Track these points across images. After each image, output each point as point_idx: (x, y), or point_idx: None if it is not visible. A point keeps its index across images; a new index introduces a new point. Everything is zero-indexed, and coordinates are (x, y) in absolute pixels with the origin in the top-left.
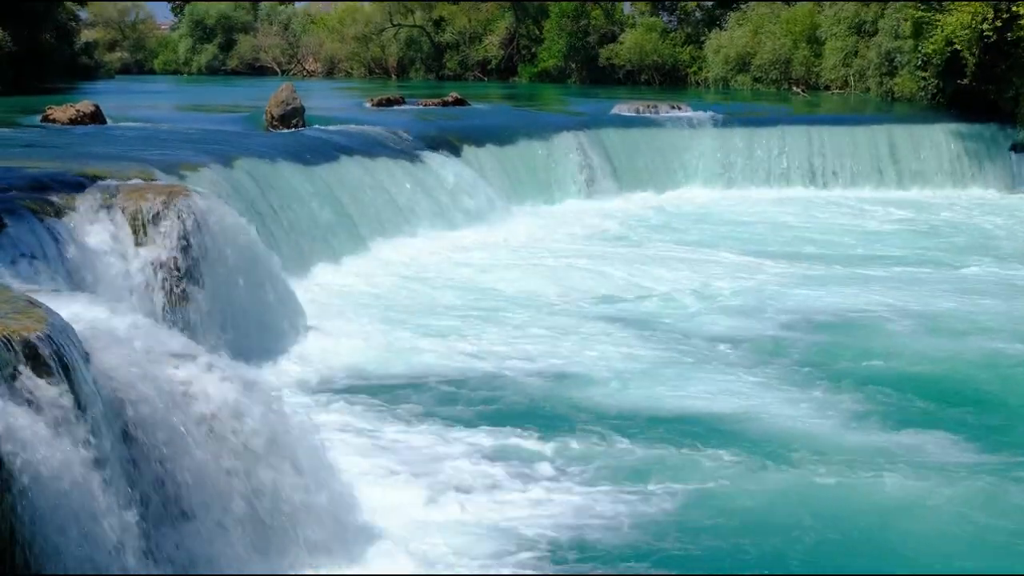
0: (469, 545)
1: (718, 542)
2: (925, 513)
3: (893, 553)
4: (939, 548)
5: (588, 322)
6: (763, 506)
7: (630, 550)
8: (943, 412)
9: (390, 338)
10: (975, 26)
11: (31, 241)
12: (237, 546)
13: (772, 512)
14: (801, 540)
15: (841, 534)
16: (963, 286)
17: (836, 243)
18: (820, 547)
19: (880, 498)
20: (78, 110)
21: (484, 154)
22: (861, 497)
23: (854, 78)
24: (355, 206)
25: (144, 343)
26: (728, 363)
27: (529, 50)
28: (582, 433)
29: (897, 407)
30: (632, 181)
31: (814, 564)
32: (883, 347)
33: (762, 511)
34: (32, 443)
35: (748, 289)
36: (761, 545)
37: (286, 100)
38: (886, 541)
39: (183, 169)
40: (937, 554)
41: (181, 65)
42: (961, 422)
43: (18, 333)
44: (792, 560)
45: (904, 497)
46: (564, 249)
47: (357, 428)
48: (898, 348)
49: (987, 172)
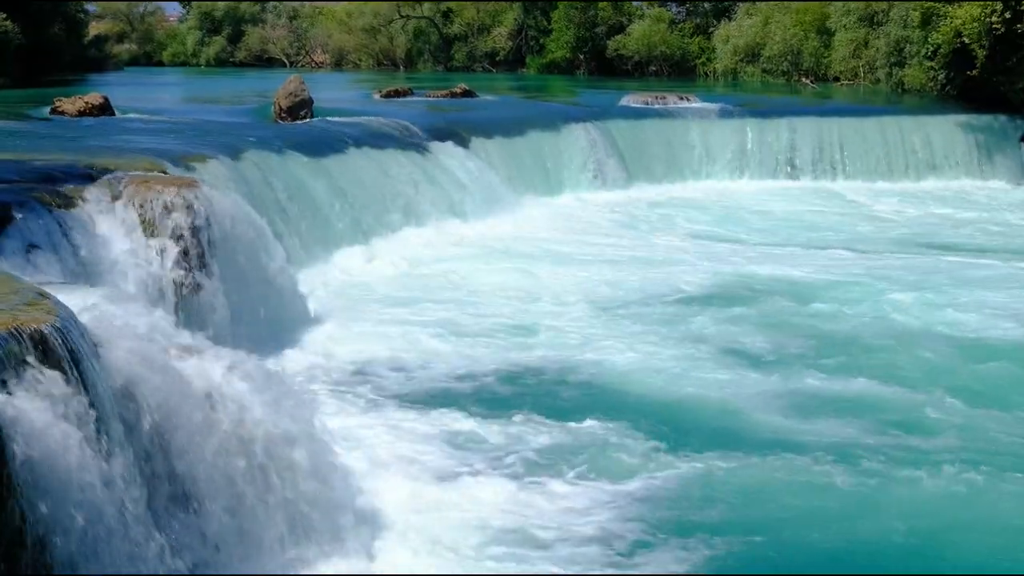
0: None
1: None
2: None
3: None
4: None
5: (595, 317)
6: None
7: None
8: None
9: (397, 329)
10: (984, 19)
11: (41, 233)
12: (244, 536)
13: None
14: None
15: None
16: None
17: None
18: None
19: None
20: (87, 102)
21: (492, 146)
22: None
23: (863, 69)
24: (363, 197)
25: (153, 335)
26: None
27: (537, 41)
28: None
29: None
30: (641, 173)
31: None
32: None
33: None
34: (41, 435)
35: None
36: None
37: (294, 92)
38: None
39: (192, 161)
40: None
41: (189, 57)
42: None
43: (27, 325)
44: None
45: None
46: (573, 240)
47: (365, 420)
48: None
49: (996, 163)
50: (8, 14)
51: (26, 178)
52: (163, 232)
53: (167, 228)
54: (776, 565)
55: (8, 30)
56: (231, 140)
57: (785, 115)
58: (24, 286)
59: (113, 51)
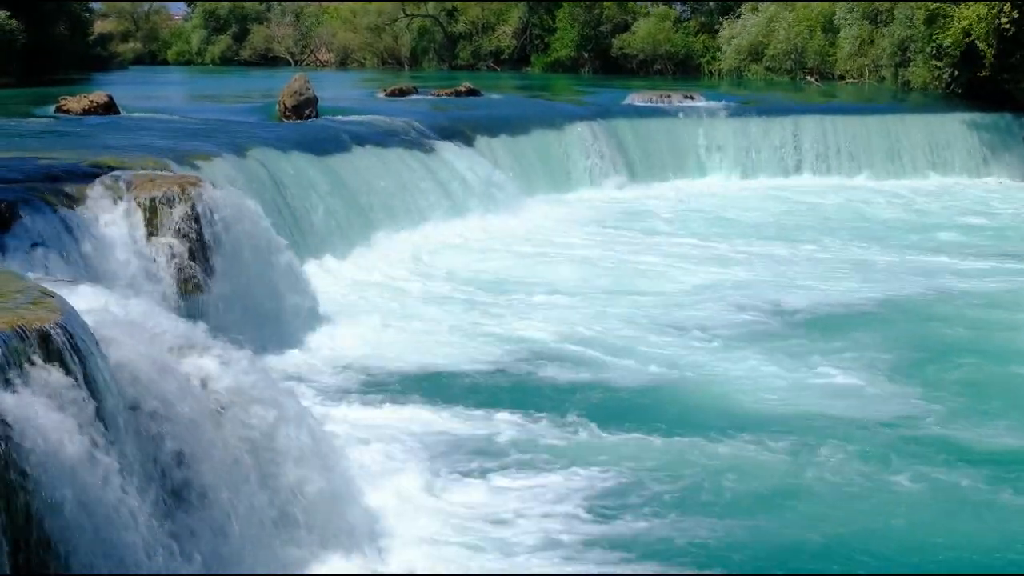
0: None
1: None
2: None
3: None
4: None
5: (601, 313)
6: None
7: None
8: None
9: (400, 327)
10: (991, 18)
11: (45, 231)
12: (247, 533)
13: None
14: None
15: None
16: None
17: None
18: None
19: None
20: (91, 100)
21: (497, 144)
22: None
23: (868, 67)
24: (368, 196)
25: (157, 333)
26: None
27: (542, 40)
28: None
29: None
30: (645, 171)
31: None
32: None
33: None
34: (46, 432)
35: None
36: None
37: (299, 90)
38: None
39: (196, 159)
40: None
41: (194, 56)
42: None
43: (32, 323)
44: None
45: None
46: (577, 238)
47: (369, 417)
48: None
49: (1002, 161)
50: (13, 13)
51: (31, 176)
52: (167, 230)
53: (171, 226)
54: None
55: (13, 29)
56: (236, 138)
57: (790, 113)
58: (29, 284)
59: (118, 50)
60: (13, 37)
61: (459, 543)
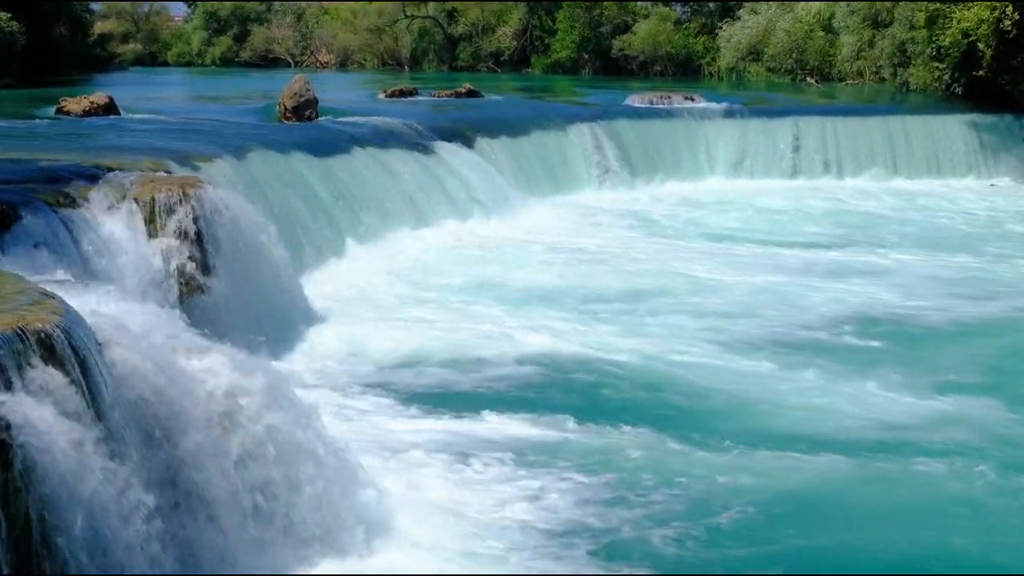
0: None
1: None
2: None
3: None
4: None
5: (604, 312)
6: None
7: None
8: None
9: (400, 327)
10: (992, 20)
11: (45, 232)
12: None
13: None
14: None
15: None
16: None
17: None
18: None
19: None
20: (92, 102)
21: (498, 145)
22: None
23: (868, 69)
24: (368, 198)
25: (158, 334)
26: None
27: (542, 41)
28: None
29: None
30: (646, 172)
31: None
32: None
33: None
34: (46, 434)
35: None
36: None
37: (299, 92)
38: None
39: (197, 160)
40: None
41: (194, 57)
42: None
43: (32, 324)
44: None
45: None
46: (579, 239)
47: (371, 420)
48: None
49: (1002, 162)
50: (13, 14)
51: (32, 178)
52: (168, 231)
53: (172, 227)
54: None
55: (13, 30)
56: (236, 140)
57: (790, 114)
58: (29, 286)
59: (118, 51)
60: (13, 38)
61: (458, 544)
